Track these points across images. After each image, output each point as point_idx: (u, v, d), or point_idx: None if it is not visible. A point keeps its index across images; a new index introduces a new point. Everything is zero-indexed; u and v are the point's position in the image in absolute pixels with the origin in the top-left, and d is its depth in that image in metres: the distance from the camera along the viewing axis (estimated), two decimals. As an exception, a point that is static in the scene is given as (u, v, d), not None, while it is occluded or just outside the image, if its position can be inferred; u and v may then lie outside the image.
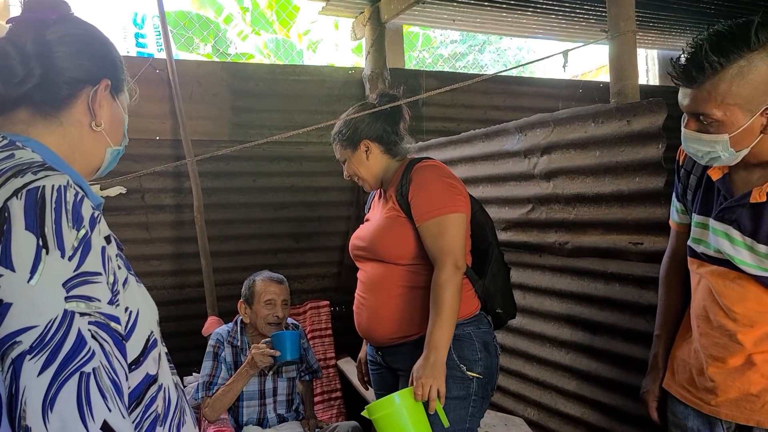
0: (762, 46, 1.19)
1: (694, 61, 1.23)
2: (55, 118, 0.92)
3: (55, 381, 0.71)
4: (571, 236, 2.22)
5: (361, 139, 1.95)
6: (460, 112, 4.00)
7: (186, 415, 0.96)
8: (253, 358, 2.42)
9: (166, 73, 3.35)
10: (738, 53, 1.19)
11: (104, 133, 0.97)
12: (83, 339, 0.74)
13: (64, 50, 0.91)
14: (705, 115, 1.26)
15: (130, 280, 0.89)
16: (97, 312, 0.77)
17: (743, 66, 1.19)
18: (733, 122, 1.24)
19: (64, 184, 0.79)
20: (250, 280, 2.70)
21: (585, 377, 2.23)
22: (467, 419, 1.84)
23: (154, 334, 0.92)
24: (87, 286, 0.77)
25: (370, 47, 3.72)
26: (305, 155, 3.69)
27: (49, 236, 0.75)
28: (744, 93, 1.21)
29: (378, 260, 1.92)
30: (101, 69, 0.96)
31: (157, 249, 3.37)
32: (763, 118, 1.24)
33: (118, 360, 0.78)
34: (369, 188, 2.04)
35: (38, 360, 0.71)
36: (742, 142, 1.26)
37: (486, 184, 2.68)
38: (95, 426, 0.71)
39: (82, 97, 0.94)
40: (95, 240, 0.80)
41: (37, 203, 0.76)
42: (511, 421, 2.50)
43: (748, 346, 1.35)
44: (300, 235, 3.72)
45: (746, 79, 1.20)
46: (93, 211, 0.82)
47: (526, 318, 2.51)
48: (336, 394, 3.39)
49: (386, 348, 1.95)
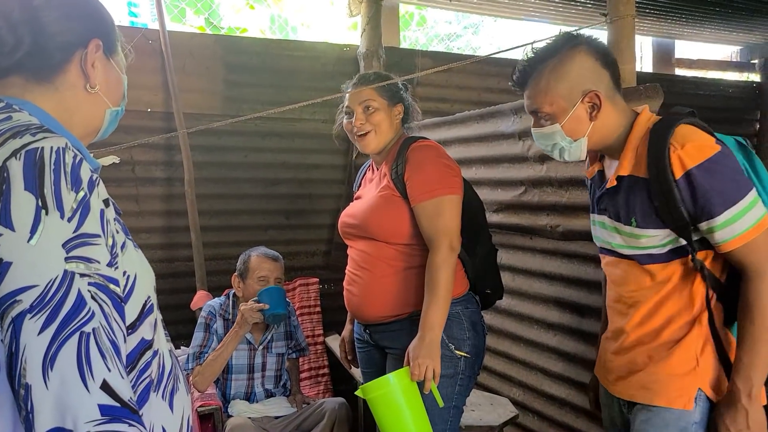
0: (569, 47, 1.41)
1: (520, 70, 1.48)
2: (50, 84, 0.91)
3: (55, 340, 0.71)
4: (563, 219, 2.23)
5: (399, 101, 1.98)
6: (454, 93, 3.98)
7: (179, 382, 0.97)
8: (243, 315, 2.44)
9: (159, 44, 3.30)
10: (550, 56, 1.42)
11: (101, 95, 0.96)
12: (83, 299, 0.74)
13: (52, 14, 0.90)
14: (538, 111, 1.45)
15: (128, 244, 0.89)
16: (97, 273, 0.77)
17: (556, 63, 1.41)
18: (561, 112, 1.42)
19: (62, 146, 0.79)
20: (245, 254, 2.70)
21: (571, 359, 2.25)
22: (454, 397, 1.86)
23: (151, 299, 0.92)
24: (86, 248, 0.76)
25: (366, 24, 3.68)
26: (298, 132, 3.66)
27: (49, 197, 0.75)
28: (561, 85, 1.40)
29: (370, 238, 1.91)
30: (91, 30, 0.94)
31: (147, 222, 3.35)
32: (585, 105, 1.40)
33: (116, 322, 0.78)
34: (372, 148, 1.94)
35: (38, 319, 0.71)
36: (576, 130, 1.42)
37: (479, 165, 2.68)
38: (95, 385, 0.71)
39: (75, 61, 0.93)
40: (94, 202, 0.79)
41: (36, 164, 0.76)
42: (496, 400, 2.53)
43: (632, 326, 1.47)
44: (290, 212, 3.70)
45: (559, 73, 1.40)
46: (91, 174, 0.81)
47: (514, 300, 2.53)
48: (323, 371, 3.41)
49: (375, 326, 1.96)
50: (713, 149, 1.28)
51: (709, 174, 1.27)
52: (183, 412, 0.95)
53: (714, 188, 1.27)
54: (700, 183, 1.27)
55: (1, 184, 0.74)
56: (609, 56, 1.44)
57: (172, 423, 0.91)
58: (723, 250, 1.30)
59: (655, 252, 1.39)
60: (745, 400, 1.29)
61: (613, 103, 1.42)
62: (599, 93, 1.39)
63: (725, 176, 1.28)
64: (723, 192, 1.27)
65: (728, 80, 5.51)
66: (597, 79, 1.40)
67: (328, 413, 2.48)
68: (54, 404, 0.69)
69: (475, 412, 2.39)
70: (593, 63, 1.40)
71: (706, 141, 1.30)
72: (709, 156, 1.27)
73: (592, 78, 1.40)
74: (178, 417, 0.93)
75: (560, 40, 1.44)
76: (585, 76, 1.40)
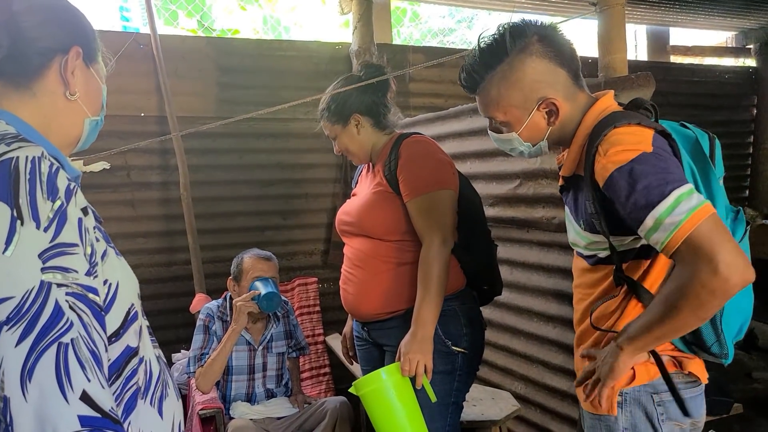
0: (518, 49, 1.29)
1: (467, 73, 1.36)
2: (28, 89, 0.90)
3: (33, 351, 0.70)
4: (559, 211, 2.22)
5: (351, 113, 1.93)
6: (448, 88, 3.97)
7: (169, 388, 0.96)
8: (239, 309, 2.47)
9: (151, 49, 3.29)
10: (499, 60, 1.30)
11: (80, 103, 0.95)
12: (60, 310, 0.73)
13: (31, 19, 0.90)
14: (492, 118, 1.38)
15: (109, 252, 0.88)
16: (75, 283, 0.76)
17: (506, 70, 1.30)
18: (516, 121, 1.33)
19: (38, 155, 0.78)
20: (238, 257, 2.70)
21: (572, 351, 2.23)
22: (452, 393, 1.86)
23: (135, 306, 0.91)
24: (63, 257, 0.76)
25: (357, 22, 3.67)
26: (292, 132, 3.65)
27: (24, 207, 0.74)
28: (513, 94, 1.31)
29: (365, 236, 1.91)
30: (71, 37, 0.94)
31: (144, 226, 3.35)
32: (542, 112, 1.31)
33: (96, 331, 0.77)
34: (358, 162, 2.03)
35: (15, 331, 0.70)
36: (534, 136, 1.35)
37: (474, 159, 2.67)
38: (74, 396, 0.71)
39: (54, 67, 0.92)
40: (71, 211, 0.78)
41: (11, 175, 0.75)
42: (498, 395, 2.52)
43: (575, 322, 1.45)
44: (287, 213, 3.70)
45: (510, 81, 1.30)
46: (69, 182, 0.80)
47: (513, 293, 2.52)
48: (324, 370, 3.41)
49: (372, 323, 1.95)
50: (638, 151, 1.16)
51: (630, 176, 1.14)
52: (173, 418, 0.94)
53: (637, 189, 1.14)
54: (621, 186, 1.16)
55: None
56: (564, 50, 1.31)
57: (162, 429, 0.91)
58: (667, 254, 1.14)
59: (598, 254, 1.33)
60: (622, 341, 1.23)
61: (573, 100, 1.32)
62: (555, 100, 1.29)
63: (649, 175, 1.13)
64: (647, 190, 1.13)
65: (724, 66, 5.50)
66: (553, 81, 1.29)
67: (329, 412, 2.48)
68: (33, 416, 0.69)
69: (476, 407, 2.39)
70: (547, 65, 1.29)
71: (632, 145, 1.17)
72: (632, 158, 1.15)
73: (548, 82, 1.29)
74: (168, 423, 0.93)
75: (509, 37, 1.29)
76: (539, 81, 1.29)
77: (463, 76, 1.38)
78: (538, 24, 1.32)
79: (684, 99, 4.85)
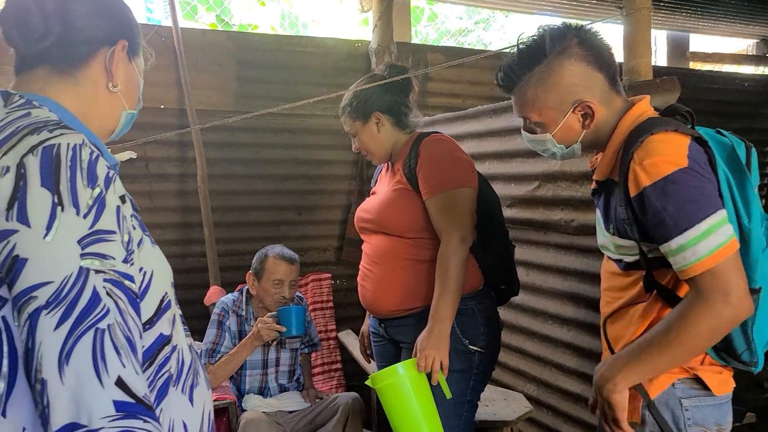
0: (557, 51, 1.30)
1: (505, 73, 1.37)
2: (72, 77, 0.92)
3: (70, 336, 0.71)
4: (578, 214, 2.21)
5: (372, 110, 1.93)
6: (466, 89, 3.97)
7: (199, 377, 0.97)
8: (259, 331, 2.44)
9: (172, 42, 3.31)
10: (537, 61, 1.31)
11: (120, 95, 0.97)
12: (98, 296, 0.74)
13: (82, 9, 0.92)
14: (527, 118, 1.38)
15: (145, 240, 0.89)
16: (112, 270, 0.77)
17: (544, 71, 1.31)
18: (551, 122, 1.34)
19: (79, 143, 0.79)
20: (261, 253, 2.69)
21: (587, 354, 2.24)
22: (468, 392, 1.86)
23: (168, 295, 0.92)
24: (102, 244, 0.77)
25: (378, 20, 3.67)
26: (309, 128, 3.66)
27: (65, 193, 0.75)
28: (550, 96, 1.31)
29: (384, 233, 1.92)
30: (118, 30, 0.96)
31: (161, 218, 3.37)
32: (577, 114, 1.32)
33: (132, 318, 0.78)
34: (377, 161, 2.03)
35: (54, 315, 0.72)
36: (567, 138, 1.36)
37: (492, 160, 2.67)
38: (109, 381, 0.72)
39: (99, 57, 0.94)
40: (110, 199, 0.79)
41: (53, 160, 0.76)
42: (510, 396, 2.52)
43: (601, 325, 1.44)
44: (302, 208, 3.71)
45: (548, 83, 1.30)
46: (108, 170, 0.81)
47: (528, 295, 2.52)
48: (336, 366, 3.42)
49: (389, 320, 1.96)
50: (674, 166, 1.16)
51: (664, 194, 1.15)
52: (204, 407, 0.95)
53: (668, 209, 1.15)
54: (652, 203, 1.17)
55: (19, 180, 0.75)
56: (603, 54, 1.31)
57: (193, 417, 0.92)
58: (682, 277, 1.18)
59: (627, 259, 1.33)
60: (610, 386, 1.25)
61: (609, 104, 1.32)
62: (591, 103, 1.29)
63: (682, 196, 1.14)
64: (679, 213, 1.14)
65: (743, 74, 5.44)
66: (590, 85, 1.30)
67: (341, 408, 2.48)
68: (69, 399, 0.70)
69: (489, 408, 2.39)
70: (585, 68, 1.29)
71: (670, 156, 1.17)
72: (667, 174, 1.15)
73: (585, 85, 1.29)
74: (199, 411, 0.94)
75: (548, 39, 1.30)
76: (576, 84, 1.29)
77: (501, 75, 1.38)
78: (577, 27, 1.33)
79: (703, 106, 4.81)
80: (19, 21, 0.89)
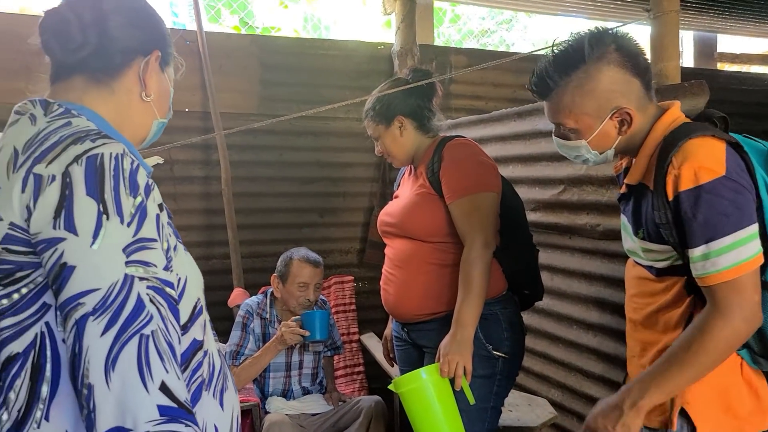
0: (596, 57, 1.28)
1: (539, 78, 1.34)
2: (107, 86, 0.94)
3: (116, 342, 0.73)
4: (604, 218, 2.19)
5: (395, 114, 1.94)
6: (489, 91, 3.94)
7: (228, 381, 0.98)
8: (283, 335, 2.45)
9: (197, 45, 3.34)
10: (574, 66, 1.29)
11: (152, 105, 0.98)
12: (142, 302, 0.76)
13: (118, 20, 0.93)
14: (561, 125, 1.36)
15: (179, 247, 0.91)
16: (154, 277, 0.79)
17: (582, 77, 1.28)
18: (587, 129, 1.32)
19: (121, 153, 0.81)
20: (286, 256, 2.71)
21: (612, 360, 2.21)
22: (492, 398, 1.86)
23: (201, 300, 0.94)
24: (144, 252, 0.78)
25: (401, 23, 3.67)
26: (332, 130, 3.67)
27: (109, 202, 0.77)
28: (588, 102, 1.29)
29: (407, 237, 1.92)
30: (153, 40, 0.98)
31: (185, 220, 3.40)
32: (614, 121, 1.30)
33: (172, 324, 0.80)
34: (398, 164, 2.04)
35: (101, 321, 0.73)
36: (602, 144, 1.34)
37: (516, 163, 2.66)
38: (154, 386, 0.73)
39: (134, 67, 0.96)
40: (150, 207, 0.81)
41: (97, 170, 0.78)
42: (534, 401, 2.51)
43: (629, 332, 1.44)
44: (325, 210, 3.72)
45: (586, 90, 1.28)
46: (147, 179, 0.83)
47: (553, 299, 2.50)
48: (359, 369, 3.42)
49: (412, 324, 1.96)
50: (711, 174, 1.16)
51: (696, 202, 1.16)
52: (233, 410, 0.97)
53: (697, 218, 1.17)
54: (684, 209, 1.18)
55: (65, 189, 0.77)
56: (640, 60, 1.30)
57: (224, 420, 0.93)
58: (700, 284, 1.20)
59: (657, 265, 1.32)
60: (628, 404, 1.23)
61: (644, 110, 1.32)
62: (630, 110, 1.28)
63: (714, 207, 1.15)
64: (706, 224, 1.16)
65: (773, 75, 5.35)
66: (627, 91, 1.29)
67: (364, 411, 2.49)
68: (115, 404, 0.71)
69: (513, 413, 2.38)
70: (623, 74, 1.28)
71: (708, 163, 1.17)
72: (702, 182, 1.16)
73: (622, 91, 1.28)
74: (229, 415, 0.95)
75: (586, 44, 1.28)
76: (614, 91, 1.28)
77: (534, 80, 1.35)
78: (615, 32, 1.31)
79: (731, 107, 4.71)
80: (58, 31, 0.91)
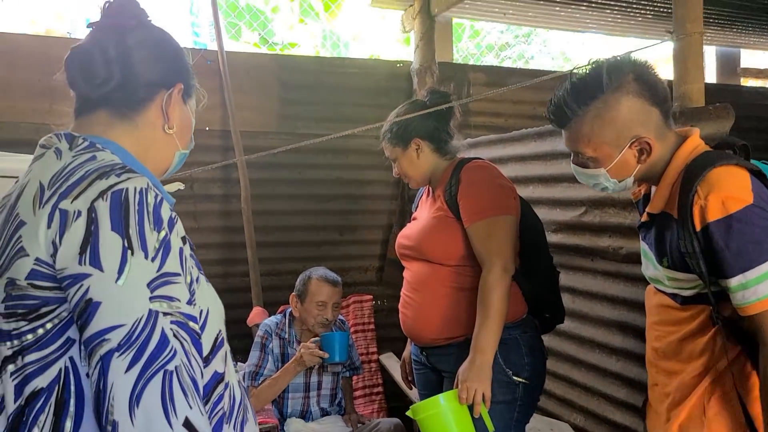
0: (614, 86, 1.27)
1: (557, 107, 1.34)
2: (131, 120, 0.95)
3: (141, 378, 0.73)
4: (626, 241, 2.16)
5: (412, 137, 1.94)
6: (508, 108, 3.93)
7: (249, 413, 0.98)
8: (302, 356, 2.44)
9: (217, 65, 3.38)
10: (593, 96, 1.28)
11: (175, 137, 0.99)
12: (166, 338, 0.76)
13: (142, 54, 0.94)
14: (579, 153, 1.36)
15: (201, 279, 0.91)
16: (178, 312, 0.79)
17: (600, 107, 1.28)
18: (606, 158, 1.32)
19: (145, 187, 0.81)
20: (305, 275, 2.70)
21: (636, 385, 2.17)
22: (512, 424, 1.83)
23: (222, 332, 0.94)
24: (168, 287, 0.79)
25: (419, 41, 3.68)
26: (351, 148, 3.68)
27: (134, 237, 0.78)
28: (607, 131, 1.29)
29: (425, 260, 1.91)
30: (175, 73, 0.99)
31: (205, 238, 3.41)
32: (633, 150, 1.30)
33: (195, 358, 0.80)
34: (415, 186, 2.04)
35: (125, 357, 0.73)
36: (622, 173, 1.34)
37: (537, 184, 2.63)
38: (178, 422, 0.73)
39: (157, 100, 0.97)
40: (174, 241, 0.82)
41: (122, 205, 0.78)
42: (556, 426, 2.47)
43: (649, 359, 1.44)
44: (344, 228, 3.72)
45: (605, 119, 1.28)
46: (171, 212, 0.83)
47: (575, 322, 2.46)
48: (377, 389, 3.39)
49: (431, 348, 1.94)
50: (740, 203, 1.16)
51: (728, 232, 1.16)
52: None
53: (730, 248, 1.16)
54: (716, 240, 1.17)
55: (90, 224, 0.77)
56: (659, 88, 1.30)
57: None
58: (741, 313, 1.19)
59: (683, 293, 1.31)
60: None
61: (664, 139, 1.31)
62: (649, 139, 1.28)
63: (746, 236, 1.15)
64: (740, 253, 1.16)
65: (798, 90, 5.26)
66: (646, 120, 1.29)
67: (383, 434, 2.47)
68: None
69: (534, 438, 2.34)
70: (642, 104, 1.28)
71: (735, 192, 1.17)
72: (732, 212, 1.16)
73: (641, 121, 1.28)
74: None
75: (604, 73, 1.28)
76: (633, 120, 1.28)
77: (552, 109, 1.36)
78: (634, 61, 1.31)
79: (756, 123, 4.65)
80: (83, 67, 0.92)
